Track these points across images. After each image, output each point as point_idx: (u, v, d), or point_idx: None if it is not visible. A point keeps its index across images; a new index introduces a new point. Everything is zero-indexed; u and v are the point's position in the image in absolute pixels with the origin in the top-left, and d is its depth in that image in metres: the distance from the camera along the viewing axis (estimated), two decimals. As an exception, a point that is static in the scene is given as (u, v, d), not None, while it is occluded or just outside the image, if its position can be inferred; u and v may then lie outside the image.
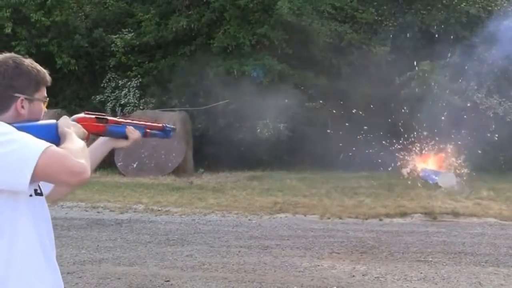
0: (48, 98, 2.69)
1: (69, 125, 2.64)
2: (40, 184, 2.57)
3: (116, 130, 3.05)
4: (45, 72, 2.65)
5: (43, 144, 2.28)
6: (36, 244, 2.47)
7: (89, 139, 2.87)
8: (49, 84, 2.67)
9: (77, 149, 2.41)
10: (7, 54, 2.58)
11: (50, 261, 2.57)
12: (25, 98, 2.54)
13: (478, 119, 20.92)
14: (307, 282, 7.63)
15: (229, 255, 9.14)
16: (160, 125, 3.35)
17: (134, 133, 3.12)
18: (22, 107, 2.53)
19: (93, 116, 2.91)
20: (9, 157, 2.24)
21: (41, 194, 2.61)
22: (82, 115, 2.88)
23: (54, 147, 2.31)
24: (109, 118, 2.98)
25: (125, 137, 3.10)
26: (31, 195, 2.49)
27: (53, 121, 2.64)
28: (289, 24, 22.56)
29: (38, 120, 2.60)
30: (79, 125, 2.74)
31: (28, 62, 2.59)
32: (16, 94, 2.51)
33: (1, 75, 2.49)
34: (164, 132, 3.36)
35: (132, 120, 3.18)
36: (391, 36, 24.34)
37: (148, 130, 3.26)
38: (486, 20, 22.64)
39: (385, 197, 14.73)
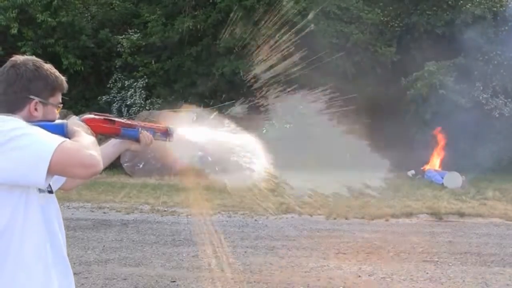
0: (62, 105, 2.72)
1: (78, 125, 2.67)
2: (50, 182, 2.59)
3: (129, 133, 3.06)
4: (63, 79, 2.69)
5: (57, 139, 2.32)
6: (46, 242, 2.51)
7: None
8: (65, 91, 2.71)
9: (88, 142, 2.45)
10: (29, 57, 2.63)
11: (59, 258, 2.60)
12: (39, 101, 2.57)
13: (483, 119, 20.89)
14: (314, 283, 7.64)
15: (235, 255, 9.15)
16: (164, 128, 3.33)
17: (147, 138, 3.12)
18: (36, 109, 2.56)
19: (102, 118, 2.92)
20: (25, 151, 2.28)
21: (51, 192, 2.65)
22: (91, 116, 2.89)
23: (68, 141, 2.34)
24: (116, 120, 2.99)
25: (137, 141, 3.10)
26: (43, 191, 2.53)
27: (63, 121, 2.67)
28: (295, 25, 22.55)
29: None
30: (86, 126, 2.75)
31: (48, 67, 2.64)
32: (31, 96, 2.55)
33: (19, 75, 2.53)
34: (167, 135, 3.34)
35: (138, 122, 3.17)
36: (397, 37, 24.33)
37: (157, 133, 3.25)
38: (491, 21, 22.62)
39: (391, 198, 14.72)
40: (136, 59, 25.06)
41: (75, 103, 24.96)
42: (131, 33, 25.45)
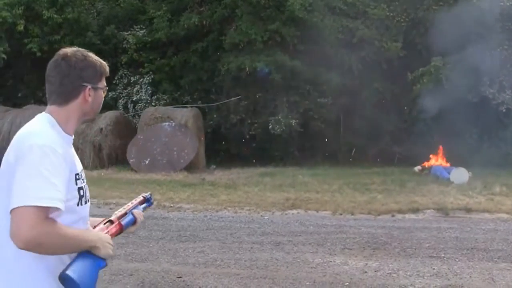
0: (107, 87, 2.95)
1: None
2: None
3: (128, 221, 3.17)
4: (106, 64, 2.91)
5: (30, 199, 2.41)
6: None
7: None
8: (108, 75, 2.92)
9: (60, 234, 2.54)
10: (74, 48, 2.85)
11: (59, 264, 2.67)
12: (92, 87, 2.78)
13: (490, 114, 20.84)
14: (320, 278, 7.63)
15: (241, 251, 9.16)
16: (142, 198, 3.46)
17: (140, 216, 3.24)
18: (89, 95, 2.78)
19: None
20: (15, 176, 2.47)
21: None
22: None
23: (38, 209, 2.41)
24: (111, 218, 3.11)
25: (134, 223, 3.21)
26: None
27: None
28: (301, 20, 22.55)
29: (99, 107, 2.92)
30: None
31: (92, 55, 2.87)
32: (85, 84, 2.76)
33: (72, 66, 2.74)
34: (148, 202, 3.52)
35: (124, 207, 3.25)
36: (403, 32, 24.26)
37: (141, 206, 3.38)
38: (498, 15, 22.52)
39: (397, 193, 14.69)
40: (142, 55, 25.14)
41: (81, 99, 25.03)
42: (137, 30, 25.52)
